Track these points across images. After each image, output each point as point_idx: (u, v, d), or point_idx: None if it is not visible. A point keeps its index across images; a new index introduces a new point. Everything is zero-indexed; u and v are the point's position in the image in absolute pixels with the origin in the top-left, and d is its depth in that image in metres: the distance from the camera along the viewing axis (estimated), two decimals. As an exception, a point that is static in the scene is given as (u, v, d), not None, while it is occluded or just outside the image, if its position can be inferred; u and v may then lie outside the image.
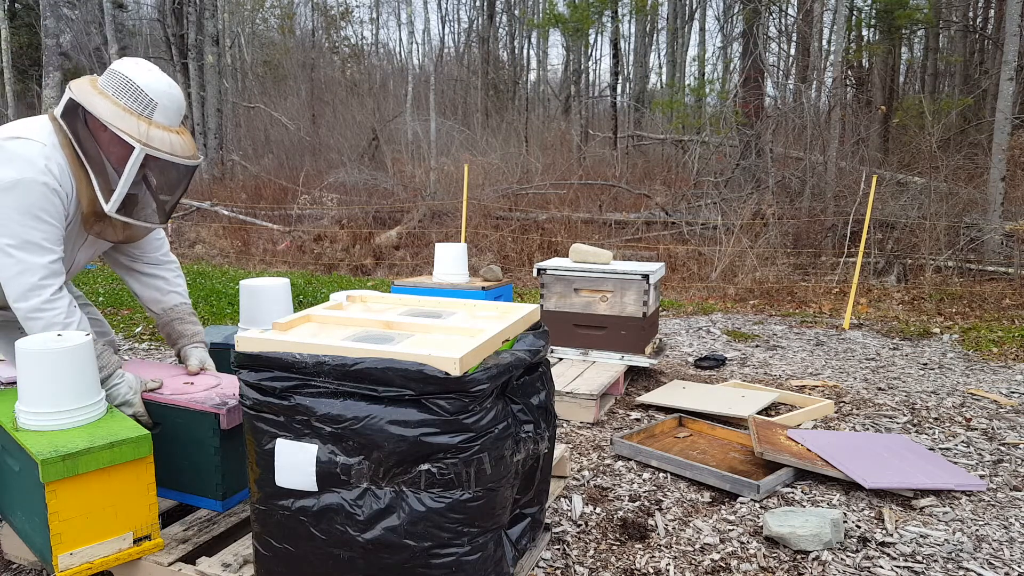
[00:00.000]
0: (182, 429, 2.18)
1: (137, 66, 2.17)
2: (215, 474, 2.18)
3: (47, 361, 1.92)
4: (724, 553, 2.42)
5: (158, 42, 21.20)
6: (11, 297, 2.08)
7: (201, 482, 2.20)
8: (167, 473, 2.22)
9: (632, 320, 4.20)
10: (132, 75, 2.14)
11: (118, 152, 2.14)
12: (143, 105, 2.13)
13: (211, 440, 2.14)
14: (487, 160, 12.99)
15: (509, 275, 8.55)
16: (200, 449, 2.16)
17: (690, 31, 20.22)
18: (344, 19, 25.36)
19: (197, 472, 2.20)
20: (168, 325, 2.57)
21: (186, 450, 2.19)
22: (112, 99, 2.12)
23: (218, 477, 2.18)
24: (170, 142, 2.16)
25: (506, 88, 20.73)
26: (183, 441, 2.19)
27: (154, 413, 2.23)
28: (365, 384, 1.69)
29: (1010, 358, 5.20)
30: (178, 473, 2.23)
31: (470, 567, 1.74)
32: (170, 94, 2.19)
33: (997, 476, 3.09)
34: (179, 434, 2.19)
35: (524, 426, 1.90)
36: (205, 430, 2.14)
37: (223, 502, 2.21)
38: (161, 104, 2.16)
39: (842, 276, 8.27)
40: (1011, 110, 8.73)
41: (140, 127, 2.12)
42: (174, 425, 2.19)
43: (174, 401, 2.20)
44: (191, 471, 2.21)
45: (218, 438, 2.14)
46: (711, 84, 16.02)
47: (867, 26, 15.60)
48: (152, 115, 2.15)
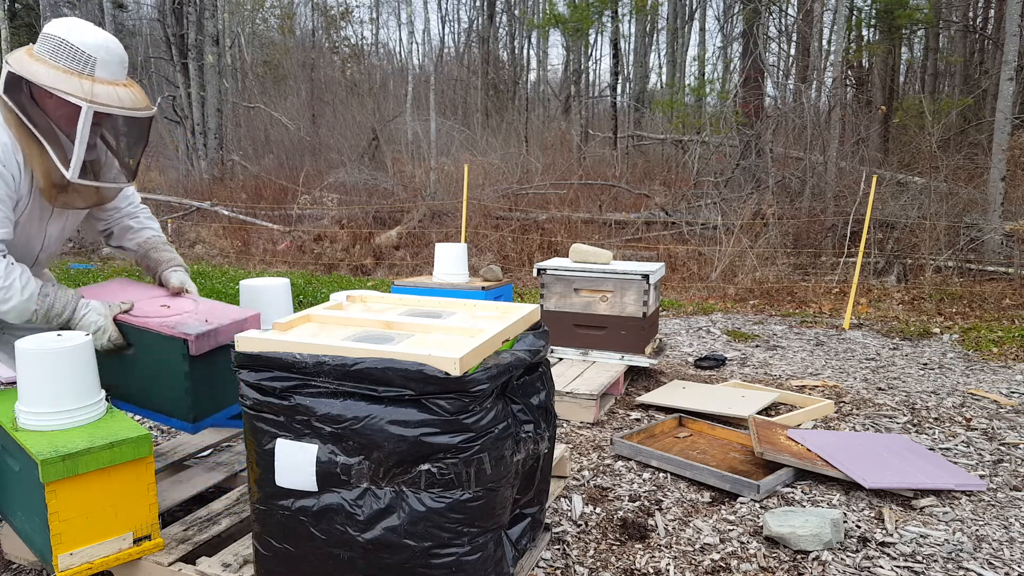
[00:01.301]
0: (153, 352, 2.19)
1: (70, 25, 2.11)
2: (186, 397, 2.18)
3: (47, 361, 1.92)
4: (724, 553, 2.42)
5: (158, 42, 21.20)
6: None
7: (173, 404, 2.21)
8: (140, 392, 2.26)
9: (632, 320, 4.20)
10: (66, 35, 2.07)
11: (66, 115, 2.09)
12: (82, 63, 2.07)
13: (180, 365, 2.14)
14: (487, 160, 12.99)
15: (509, 275, 8.55)
16: (170, 373, 2.17)
17: (690, 31, 20.22)
18: (344, 19, 25.36)
19: (169, 394, 2.21)
20: (145, 256, 2.54)
21: (157, 372, 2.21)
22: (50, 63, 2.05)
23: (188, 400, 2.17)
24: (117, 96, 2.10)
25: (506, 88, 20.72)
26: (154, 363, 2.20)
27: (127, 335, 2.24)
28: (365, 384, 1.69)
29: (1010, 358, 5.20)
30: (151, 393, 2.25)
31: (470, 567, 1.74)
32: (108, 47, 2.11)
33: (997, 476, 3.09)
34: (151, 356, 2.20)
35: (524, 426, 1.90)
36: (174, 355, 2.14)
37: (193, 424, 2.21)
38: (100, 59, 2.09)
39: (842, 276, 8.27)
40: (1011, 110, 8.72)
41: (83, 85, 2.05)
42: (146, 347, 2.21)
43: (145, 324, 2.20)
44: (163, 393, 2.22)
45: (187, 363, 2.13)
46: (711, 84, 16.02)
47: (867, 26, 15.60)
48: (94, 71, 2.08)
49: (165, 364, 2.18)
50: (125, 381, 2.29)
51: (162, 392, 2.22)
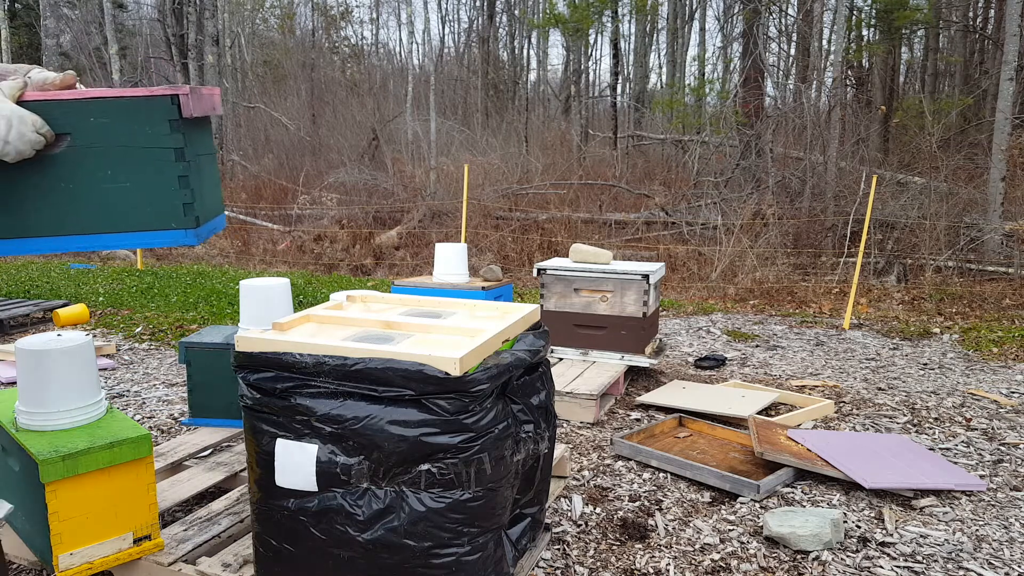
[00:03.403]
0: (116, 132, 1.52)
1: None
2: (179, 190, 1.56)
3: (47, 361, 1.92)
4: (724, 553, 2.42)
5: (158, 42, 21.20)
6: None
7: (158, 207, 1.56)
8: (99, 209, 1.55)
9: (632, 320, 4.20)
10: None
11: None
12: None
13: (166, 138, 1.53)
14: (487, 160, 12.99)
15: (509, 275, 8.55)
16: (147, 157, 1.54)
17: (690, 31, 20.21)
18: (344, 19, 25.37)
19: (149, 193, 1.55)
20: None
21: (128, 164, 1.54)
22: None
23: (185, 193, 1.56)
24: None
25: (506, 88, 20.72)
26: (119, 150, 1.53)
27: (60, 118, 1.50)
28: (365, 384, 1.69)
29: (1010, 358, 5.20)
30: (113, 200, 1.55)
31: (470, 567, 1.74)
32: None
33: (997, 476, 3.09)
34: (112, 143, 1.53)
35: (524, 426, 1.91)
36: (156, 124, 1.53)
37: (196, 230, 1.61)
38: None
39: (842, 276, 8.27)
40: (1011, 110, 8.73)
41: None
42: (101, 131, 1.52)
43: (96, 93, 1.53)
44: (138, 194, 1.55)
45: (180, 135, 1.54)
46: (711, 84, 16.02)
47: (867, 26, 15.60)
48: None
49: (141, 146, 1.54)
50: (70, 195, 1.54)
51: (138, 193, 1.55)
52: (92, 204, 1.54)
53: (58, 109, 1.49)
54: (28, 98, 1.49)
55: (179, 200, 1.56)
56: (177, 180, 1.55)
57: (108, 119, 1.52)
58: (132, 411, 3.88)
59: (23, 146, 1.43)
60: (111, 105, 1.51)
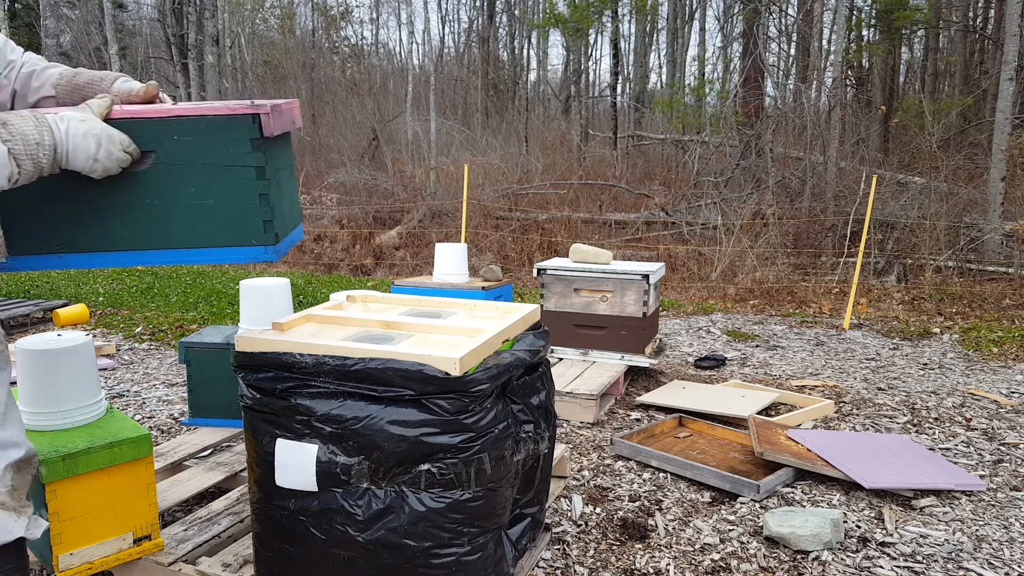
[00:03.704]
0: (199, 150, 1.56)
1: None
2: (260, 207, 1.58)
3: (47, 361, 1.92)
4: (724, 553, 2.42)
5: (158, 42, 21.21)
6: None
7: (238, 224, 1.60)
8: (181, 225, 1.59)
9: (632, 320, 4.20)
10: None
11: None
12: None
13: (248, 156, 1.56)
14: (487, 160, 12.99)
15: (509, 275, 8.55)
16: (229, 175, 1.57)
17: (690, 31, 20.21)
18: (344, 19, 25.36)
19: (230, 210, 1.59)
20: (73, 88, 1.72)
21: (210, 181, 1.57)
22: None
23: (266, 211, 1.59)
24: None
25: (506, 88, 20.72)
26: (202, 168, 1.57)
27: (145, 136, 1.54)
28: (365, 384, 1.69)
29: (1010, 358, 5.20)
30: (195, 217, 1.59)
31: (470, 567, 1.74)
32: None
33: (997, 476, 3.09)
34: (195, 160, 1.57)
35: (524, 426, 1.91)
36: (238, 143, 1.56)
37: (276, 246, 1.63)
38: None
39: (842, 276, 8.27)
40: (1011, 110, 8.73)
41: None
42: (185, 149, 1.56)
43: (179, 111, 1.55)
44: (219, 211, 1.59)
45: (261, 153, 1.56)
46: (711, 84, 16.02)
47: (867, 26, 15.60)
48: None
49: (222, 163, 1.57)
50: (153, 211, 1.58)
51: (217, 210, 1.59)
52: (174, 220, 1.58)
53: (143, 127, 1.53)
54: (115, 116, 1.53)
55: (259, 217, 1.59)
56: (258, 198, 1.58)
57: (191, 137, 1.55)
58: (132, 411, 3.88)
59: (110, 164, 1.48)
60: (194, 124, 1.54)
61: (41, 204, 1.56)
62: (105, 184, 1.53)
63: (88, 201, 1.56)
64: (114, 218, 1.58)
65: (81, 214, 1.57)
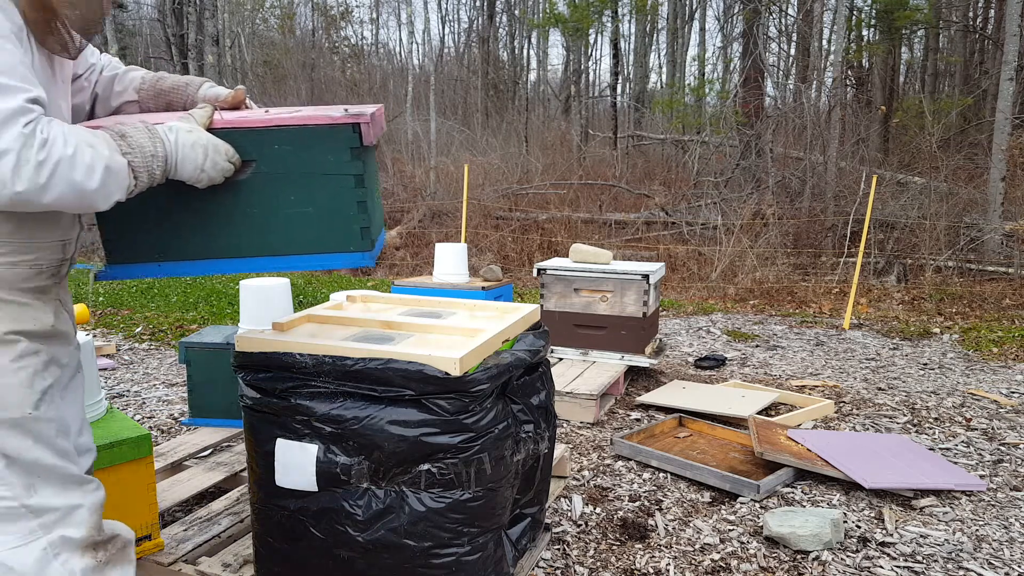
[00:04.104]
0: (299, 159, 1.57)
1: None
2: (358, 214, 1.60)
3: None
4: (724, 553, 2.42)
5: (158, 42, 21.21)
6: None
7: (337, 231, 1.61)
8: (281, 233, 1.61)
9: (632, 320, 4.20)
10: None
11: None
12: None
13: (348, 164, 1.57)
14: (487, 160, 12.99)
15: (509, 275, 8.55)
16: (329, 183, 1.59)
17: (690, 31, 20.21)
18: (344, 19, 25.35)
19: (329, 217, 1.60)
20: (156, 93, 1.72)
21: (309, 189, 1.59)
22: None
23: (363, 217, 1.60)
24: None
25: (506, 88, 20.72)
26: (302, 176, 1.58)
27: (247, 145, 1.55)
28: (365, 384, 1.69)
29: (1010, 358, 5.20)
30: (295, 227, 1.61)
31: (470, 567, 1.74)
32: None
33: (997, 476, 3.09)
34: (295, 169, 1.58)
35: (524, 426, 1.91)
36: (338, 151, 1.56)
37: (372, 252, 1.66)
38: None
39: (842, 276, 8.27)
40: (1011, 110, 8.73)
41: None
42: (285, 158, 1.57)
43: (280, 120, 1.56)
44: (318, 218, 1.61)
45: (360, 162, 1.57)
46: (711, 84, 16.02)
47: (867, 26, 15.60)
48: None
49: (321, 171, 1.58)
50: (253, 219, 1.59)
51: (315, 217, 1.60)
52: (275, 228, 1.60)
53: (245, 137, 1.54)
54: (216, 125, 1.53)
55: (357, 224, 1.61)
56: (356, 205, 1.60)
57: (292, 147, 1.56)
58: (132, 411, 3.88)
59: (215, 174, 1.50)
60: (295, 133, 1.55)
61: (141, 213, 1.57)
62: (205, 193, 1.55)
63: (188, 210, 1.58)
64: (214, 226, 1.60)
65: (181, 223, 1.59)
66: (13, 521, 1.35)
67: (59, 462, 1.41)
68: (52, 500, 1.39)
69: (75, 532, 1.42)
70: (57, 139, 1.24)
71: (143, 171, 1.39)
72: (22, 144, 1.19)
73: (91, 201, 1.31)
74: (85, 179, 1.27)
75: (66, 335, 1.49)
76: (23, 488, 1.36)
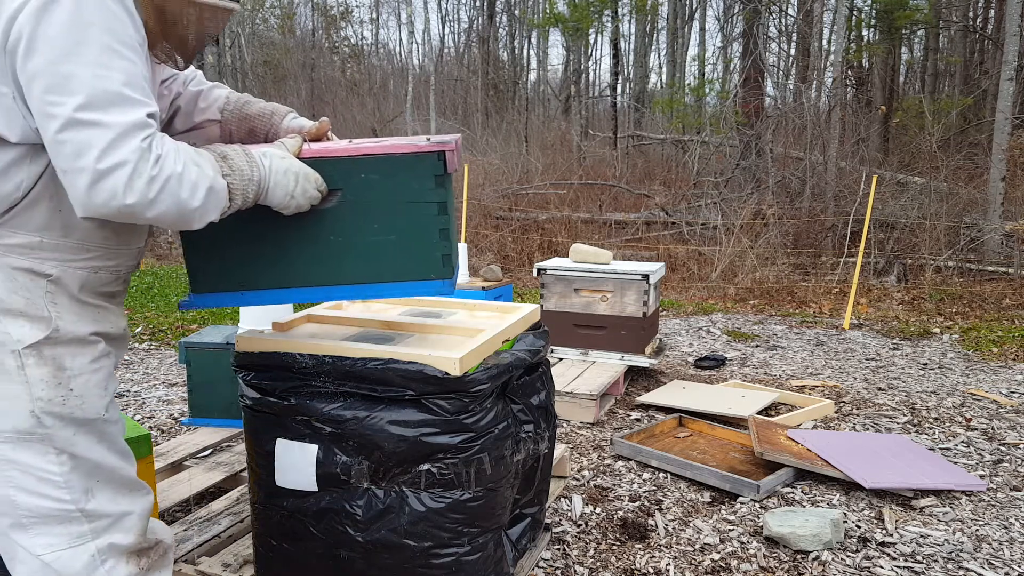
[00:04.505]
0: (385, 187, 1.58)
1: None
2: (440, 242, 1.61)
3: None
4: (724, 553, 2.42)
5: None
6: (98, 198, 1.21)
7: (418, 259, 1.62)
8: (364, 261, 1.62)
9: (632, 320, 4.20)
10: None
11: None
12: None
13: (432, 192, 1.58)
14: (487, 160, 12.99)
15: (509, 275, 8.55)
16: (412, 211, 1.59)
17: (690, 31, 20.21)
18: (344, 19, 25.35)
19: (411, 245, 1.61)
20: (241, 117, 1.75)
21: (393, 217, 1.60)
22: None
23: (445, 245, 1.62)
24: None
25: (506, 88, 20.72)
26: (386, 204, 1.59)
27: (334, 174, 1.56)
28: (365, 384, 1.69)
29: (1010, 358, 5.20)
30: (377, 255, 1.62)
31: (470, 567, 1.74)
32: None
33: (997, 476, 3.09)
34: (380, 197, 1.59)
35: (524, 426, 1.91)
36: (422, 179, 1.58)
37: (452, 280, 1.68)
38: None
39: (842, 276, 8.27)
40: (1011, 110, 8.73)
41: None
42: (371, 186, 1.58)
43: (367, 150, 1.58)
44: (401, 246, 1.62)
45: (444, 190, 1.60)
46: (711, 84, 16.01)
47: (867, 26, 15.60)
48: None
49: (405, 199, 1.59)
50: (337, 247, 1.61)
51: (400, 244, 1.61)
52: (358, 255, 1.61)
53: (331, 165, 1.55)
54: (304, 155, 1.56)
55: (439, 252, 1.62)
56: (438, 232, 1.61)
57: (378, 175, 1.58)
58: (132, 411, 3.88)
59: (303, 201, 1.52)
60: (382, 162, 1.57)
61: (225, 243, 1.60)
62: (290, 221, 1.56)
63: (272, 239, 1.59)
64: (297, 255, 1.61)
65: (263, 253, 1.61)
66: (65, 523, 1.37)
67: (120, 463, 1.45)
68: (106, 506, 1.41)
69: (123, 539, 1.44)
70: (169, 155, 1.27)
71: (239, 193, 1.40)
72: (139, 157, 1.21)
73: (189, 219, 1.33)
74: (189, 197, 1.29)
75: (127, 339, 1.55)
76: (82, 492, 1.38)
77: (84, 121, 1.19)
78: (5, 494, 1.33)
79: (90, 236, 1.39)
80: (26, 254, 1.32)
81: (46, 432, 1.34)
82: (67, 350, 1.37)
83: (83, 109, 1.19)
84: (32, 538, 1.35)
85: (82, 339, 1.39)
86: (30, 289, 1.32)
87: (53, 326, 1.34)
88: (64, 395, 1.35)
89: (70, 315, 1.37)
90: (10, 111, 1.25)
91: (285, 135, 1.71)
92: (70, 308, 1.38)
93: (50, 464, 1.34)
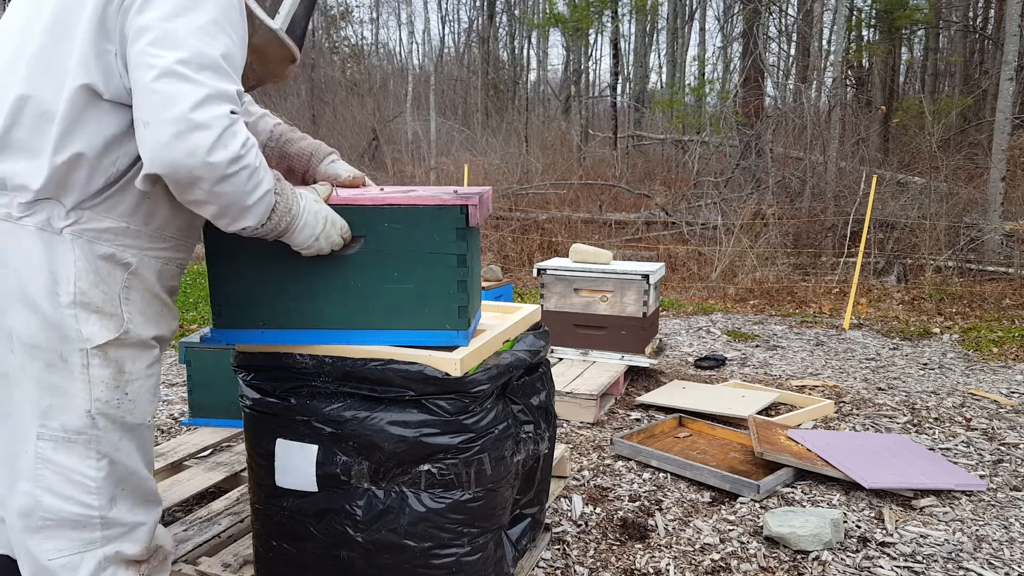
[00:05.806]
0: (407, 237, 1.62)
1: None
2: (457, 293, 1.65)
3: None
4: (724, 553, 2.42)
5: (158, 42, 21.14)
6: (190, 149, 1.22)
7: (435, 308, 1.67)
8: (381, 308, 1.67)
9: (632, 320, 4.20)
10: None
11: None
12: None
13: (452, 244, 1.62)
14: (487, 160, 12.99)
15: (509, 275, 8.54)
16: (432, 262, 1.64)
17: (690, 31, 20.21)
18: (344, 19, 25.35)
19: (428, 295, 1.66)
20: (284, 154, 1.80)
21: (410, 267, 1.64)
22: None
23: (462, 296, 1.66)
24: None
25: (506, 88, 20.72)
26: (407, 253, 1.64)
27: (359, 221, 1.61)
28: (365, 385, 1.69)
29: (1010, 358, 5.20)
30: (395, 303, 1.67)
31: (470, 567, 1.74)
32: None
33: (997, 476, 3.09)
34: (401, 247, 1.63)
35: (524, 426, 1.91)
36: (444, 231, 1.62)
37: (467, 331, 1.71)
38: None
39: (842, 276, 8.27)
40: (1011, 110, 8.73)
41: None
42: (393, 235, 1.62)
43: (393, 200, 1.62)
44: (418, 295, 1.66)
45: (464, 242, 1.64)
46: (711, 84, 16.01)
47: (867, 26, 15.61)
48: None
49: (426, 250, 1.63)
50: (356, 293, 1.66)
51: (418, 293, 1.65)
52: (374, 302, 1.67)
53: (356, 213, 1.61)
54: (332, 202, 1.60)
55: (456, 303, 1.67)
56: (456, 284, 1.65)
57: (401, 225, 1.62)
58: (132, 411, 3.87)
59: (325, 245, 1.56)
60: (406, 213, 1.62)
61: (249, 281, 1.66)
62: (312, 264, 1.61)
63: (295, 280, 1.65)
64: (318, 297, 1.67)
65: (286, 292, 1.66)
66: (79, 529, 1.37)
67: (147, 474, 1.48)
68: (125, 515, 1.43)
69: (130, 549, 1.45)
70: (254, 147, 1.31)
71: (278, 216, 1.43)
72: (225, 126, 1.24)
73: (232, 213, 1.35)
74: (251, 192, 1.33)
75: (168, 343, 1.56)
76: (108, 499, 1.39)
77: (180, 74, 1.22)
78: (31, 494, 1.33)
79: (167, 225, 1.43)
80: (111, 241, 1.35)
81: (95, 434, 1.35)
82: (129, 353, 1.39)
83: (183, 64, 1.22)
84: (41, 542, 1.35)
85: (144, 343, 1.42)
86: (109, 283, 1.35)
87: (124, 328, 1.37)
88: (120, 398, 1.37)
89: (139, 316, 1.40)
90: (109, 67, 1.29)
91: (322, 179, 1.77)
92: (140, 307, 1.41)
93: (89, 468, 1.35)
